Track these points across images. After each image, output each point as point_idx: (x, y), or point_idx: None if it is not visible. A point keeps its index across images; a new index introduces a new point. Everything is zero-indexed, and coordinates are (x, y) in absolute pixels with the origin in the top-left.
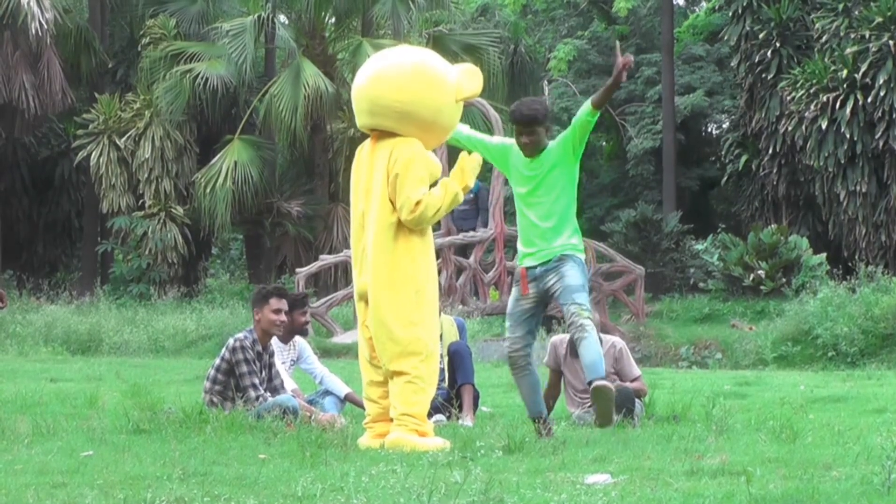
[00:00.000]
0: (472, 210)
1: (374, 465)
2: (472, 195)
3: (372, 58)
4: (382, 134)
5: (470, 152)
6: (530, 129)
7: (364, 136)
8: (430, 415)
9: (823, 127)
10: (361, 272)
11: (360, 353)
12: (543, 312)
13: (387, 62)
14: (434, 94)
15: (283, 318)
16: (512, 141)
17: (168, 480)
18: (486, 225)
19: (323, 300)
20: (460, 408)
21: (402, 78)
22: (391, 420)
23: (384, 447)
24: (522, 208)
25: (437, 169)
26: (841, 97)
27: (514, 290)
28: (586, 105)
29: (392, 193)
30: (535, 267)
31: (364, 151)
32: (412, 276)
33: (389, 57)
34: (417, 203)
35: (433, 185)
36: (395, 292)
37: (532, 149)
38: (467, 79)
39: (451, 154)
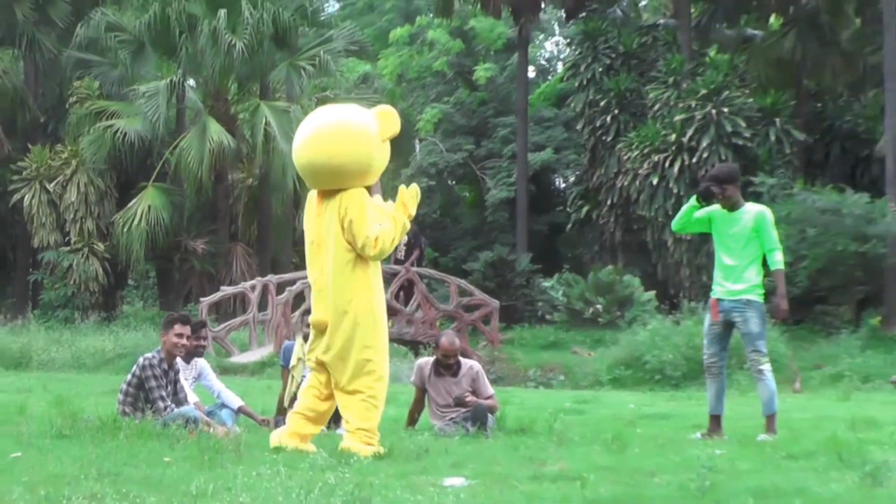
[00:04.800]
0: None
1: (262, 467)
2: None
3: (301, 125)
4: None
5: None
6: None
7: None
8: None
9: (654, 183)
10: (319, 306)
11: (308, 382)
12: (731, 333)
13: (312, 128)
14: (362, 147)
15: (185, 341)
16: (714, 207)
17: (84, 479)
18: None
19: (223, 325)
20: (337, 420)
21: (329, 141)
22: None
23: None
24: (718, 250)
25: (384, 207)
26: (670, 157)
27: (707, 316)
28: None
29: (349, 237)
30: (723, 300)
31: (312, 205)
32: (370, 305)
33: (314, 122)
34: (376, 239)
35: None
36: (355, 320)
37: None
38: (385, 121)
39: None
